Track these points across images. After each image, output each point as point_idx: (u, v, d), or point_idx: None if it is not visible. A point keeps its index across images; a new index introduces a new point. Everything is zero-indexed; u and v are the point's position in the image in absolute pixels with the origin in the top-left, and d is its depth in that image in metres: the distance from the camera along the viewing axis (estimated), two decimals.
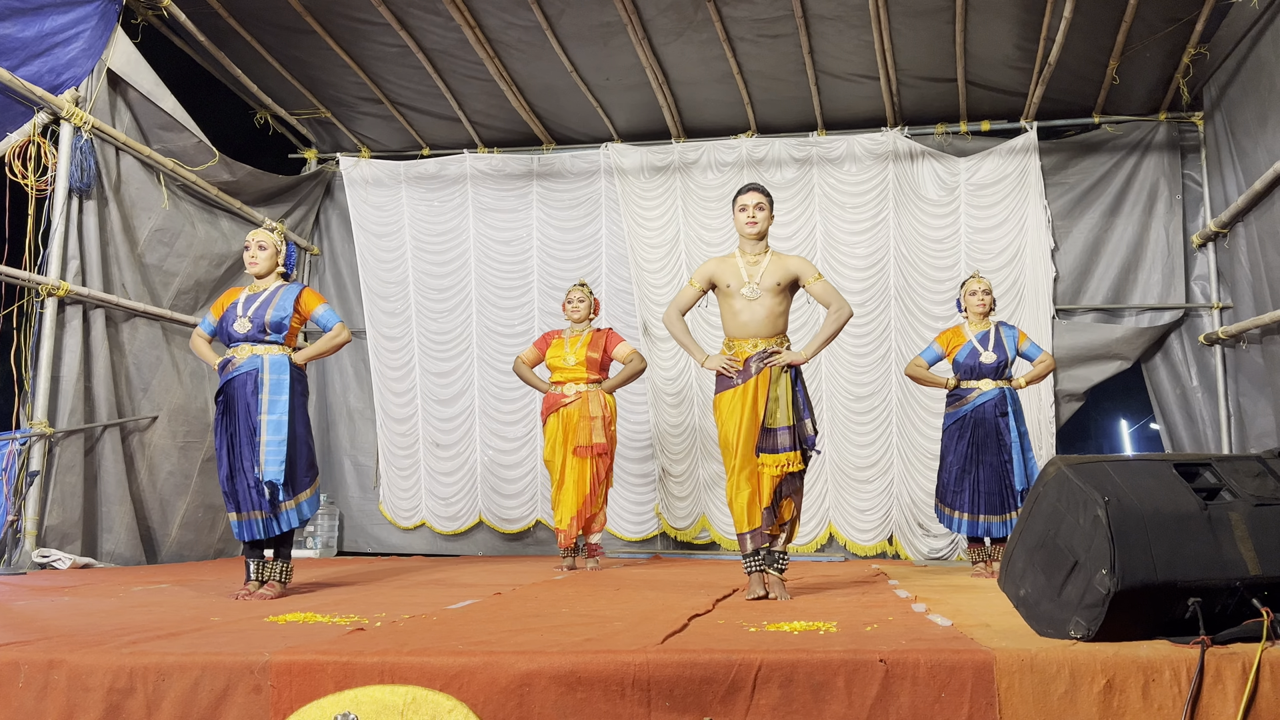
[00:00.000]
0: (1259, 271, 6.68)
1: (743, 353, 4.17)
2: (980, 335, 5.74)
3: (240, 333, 4.36)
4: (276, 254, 4.51)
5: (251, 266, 4.47)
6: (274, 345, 4.37)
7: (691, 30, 7.13)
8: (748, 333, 4.18)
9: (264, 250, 4.48)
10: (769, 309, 4.17)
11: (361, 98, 8.21)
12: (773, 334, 4.19)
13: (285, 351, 4.39)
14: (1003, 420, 5.59)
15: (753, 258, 4.27)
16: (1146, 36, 6.90)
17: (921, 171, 8.07)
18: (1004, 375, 5.69)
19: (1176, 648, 2.48)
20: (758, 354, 4.14)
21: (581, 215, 8.53)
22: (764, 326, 4.17)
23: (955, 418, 5.74)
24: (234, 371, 4.34)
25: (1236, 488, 2.79)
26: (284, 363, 4.35)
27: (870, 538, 7.78)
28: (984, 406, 5.63)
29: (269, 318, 4.35)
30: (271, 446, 4.23)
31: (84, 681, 2.53)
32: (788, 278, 4.22)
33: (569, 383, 6.15)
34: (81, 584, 4.90)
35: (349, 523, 8.62)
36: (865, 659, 2.45)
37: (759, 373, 4.12)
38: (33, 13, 5.90)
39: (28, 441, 5.83)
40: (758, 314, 4.17)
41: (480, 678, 2.45)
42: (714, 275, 4.29)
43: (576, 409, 6.10)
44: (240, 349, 4.36)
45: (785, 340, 4.23)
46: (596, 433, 6.06)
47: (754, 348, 4.16)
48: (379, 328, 8.65)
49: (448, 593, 4.48)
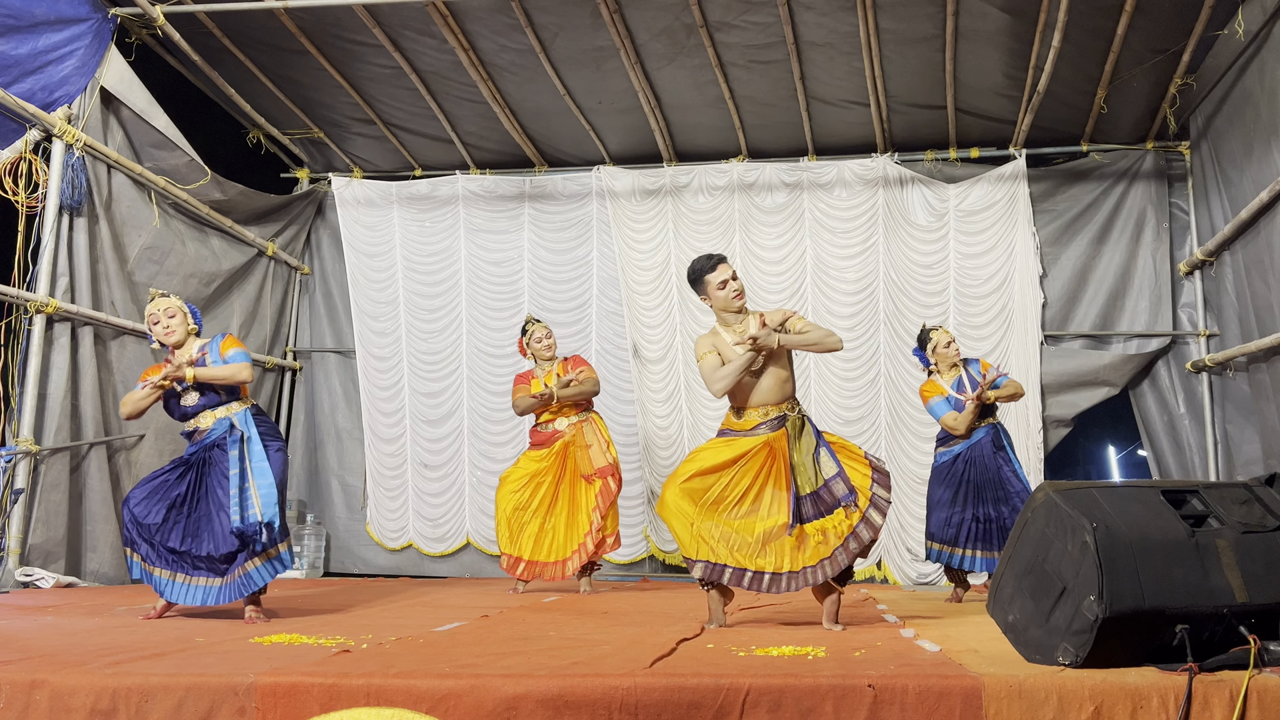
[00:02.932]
0: (1245, 300, 6.73)
1: (752, 421, 4.02)
2: (955, 384, 5.74)
3: (192, 406, 4.25)
4: (186, 317, 4.37)
5: (168, 336, 4.30)
6: (234, 403, 4.27)
7: (684, 55, 7.18)
8: (757, 402, 4.02)
9: (174, 318, 4.32)
10: (775, 376, 4.01)
11: (354, 118, 8.23)
12: (782, 400, 4.02)
13: (246, 405, 4.29)
14: (1001, 455, 5.59)
15: (740, 328, 4.08)
16: (1134, 66, 6.98)
17: (911, 197, 8.13)
18: (990, 412, 5.69)
19: (1164, 675, 2.48)
20: (768, 421, 3.99)
21: (573, 237, 8.55)
22: (773, 394, 4.01)
23: (948, 456, 5.71)
24: (204, 439, 4.23)
25: (1224, 515, 2.80)
26: (247, 417, 4.26)
27: (859, 563, 7.75)
28: (980, 444, 5.62)
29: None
30: (264, 489, 4.12)
31: (66, 702, 2.50)
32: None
33: (559, 418, 6.11)
34: (65, 603, 4.85)
35: (335, 543, 8.57)
36: (854, 684, 2.45)
37: (774, 431, 3.96)
38: (27, 30, 5.91)
39: (13, 459, 5.79)
40: (765, 383, 4.01)
41: (467, 701, 2.43)
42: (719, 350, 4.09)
43: (572, 439, 6.06)
44: (202, 418, 4.25)
45: (796, 405, 4.06)
46: (596, 458, 6.02)
47: (764, 416, 4.01)
48: (369, 348, 8.63)
49: (435, 615, 4.46)
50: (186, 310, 4.42)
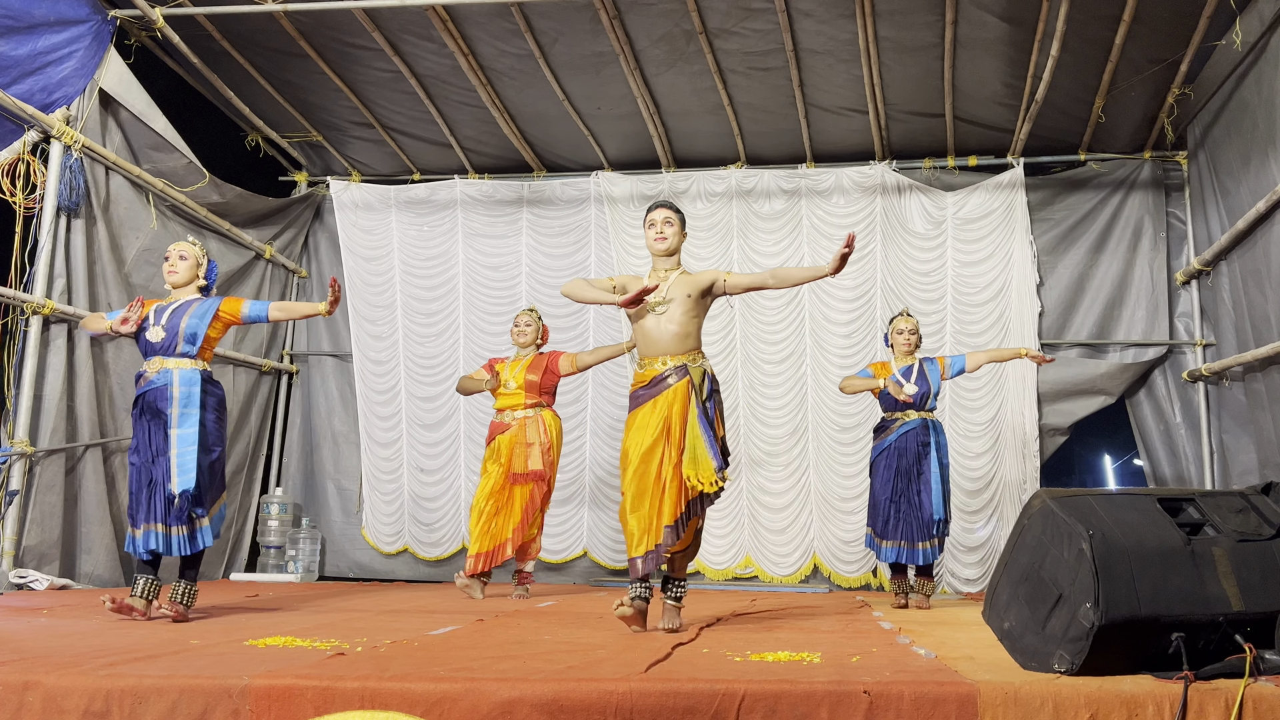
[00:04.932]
0: (1242, 309, 6.74)
1: (653, 371, 4.11)
2: (903, 369, 5.89)
3: (154, 342, 4.34)
4: (197, 265, 4.51)
5: (170, 275, 4.46)
6: (185, 359, 4.35)
7: (683, 62, 7.20)
8: (658, 350, 4.12)
9: (184, 260, 4.48)
10: (680, 325, 4.10)
11: (353, 122, 8.24)
12: (684, 350, 4.11)
13: (196, 365, 4.37)
14: (924, 449, 5.75)
15: (662, 273, 4.21)
16: (1132, 76, 7.00)
17: (909, 205, 8.14)
18: (926, 407, 5.84)
19: (1160, 683, 2.48)
20: (671, 368, 4.08)
21: (571, 242, 8.55)
22: (675, 343, 4.10)
23: (881, 449, 5.89)
24: (146, 386, 4.34)
25: (1220, 523, 2.81)
26: (194, 377, 4.34)
27: (855, 569, 7.77)
28: (907, 436, 5.78)
29: (184, 326, 4.34)
30: (184, 458, 4.21)
31: (59, 704, 2.49)
32: (697, 289, 4.15)
33: (508, 410, 6.12)
34: (59, 605, 4.84)
35: (331, 547, 8.55)
36: (849, 690, 2.44)
37: (672, 388, 4.06)
38: (26, 31, 5.91)
39: (8, 460, 5.78)
40: (667, 330, 4.11)
41: (462, 705, 2.42)
42: (628, 284, 4.21)
43: (512, 435, 6.05)
44: (153, 362, 4.35)
45: (699, 356, 4.15)
46: (533, 459, 5.99)
47: (663, 365, 4.10)
48: (366, 351, 8.62)
49: (429, 618, 4.45)
50: (202, 260, 4.52)
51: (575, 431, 8.12)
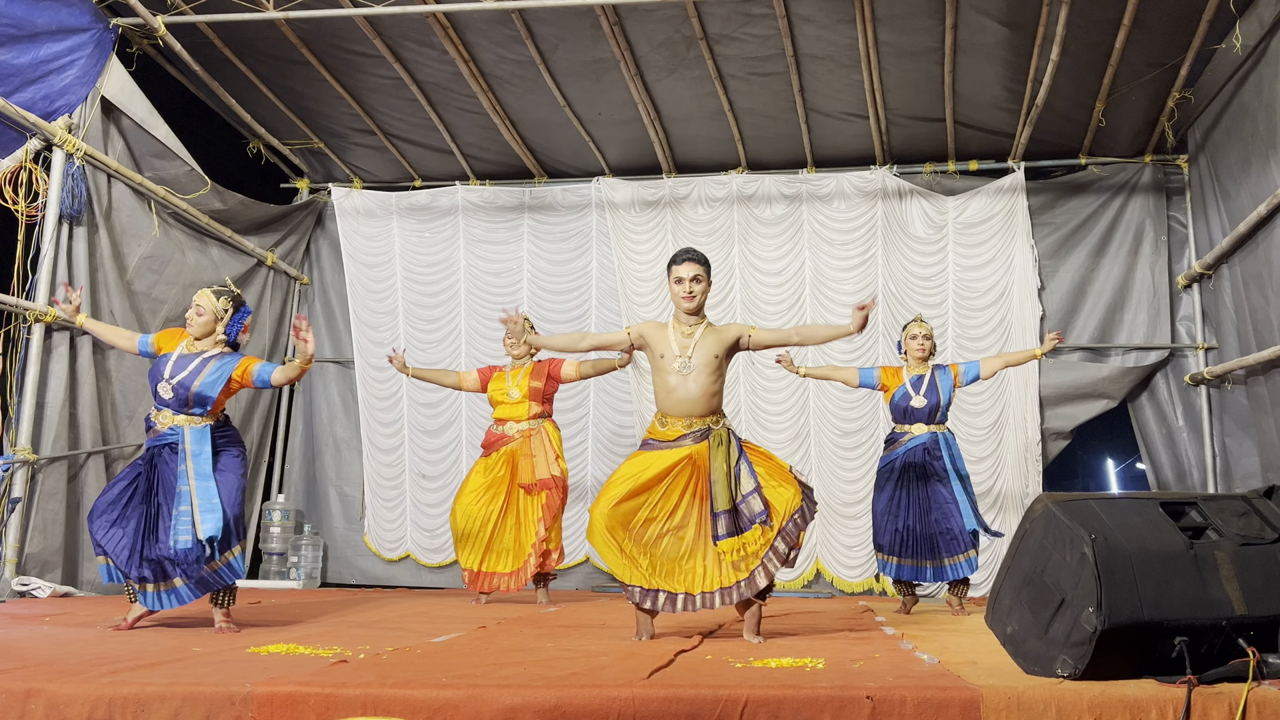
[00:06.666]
0: (1243, 313, 6.74)
1: (675, 431, 3.98)
2: (914, 379, 5.67)
3: (163, 397, 4.20)
4: (215, 320, 4.29)
5: (188, 326, 4.32)
6: (196, 417, 4.21)
7: (684, 67, 7.21)
8: (682, 411, 3.98)
9: (201, 317, 4.28)
10: (703, 386, 3.97)
11: (354, 129, 8.25)
12: (707, 413, 3.97)
13: (207, 422, 4.22)
14: (937, 464, 5.52)
15: (687, 329, 4.04)
16: (1132, 80, 7.01)
17: (910, 210, 8.14)
18: (937, 420, 5.63)
19: (1163, 687, 2.48)
20: (692, 433, 3.95)
21: (572, 248, 8.56)
22: (698, 405, 3.97)
23: (887, 461, 5.69)
24: (155, 439, 4.21)
25: (1222, 527, 2.80)
26: (205, 434, 4.19)
27: (858, 574, 7.76)
28: (915, 450, 5.57)
29: (194, 392, 4.17)
30: (204, 505, 4.05)
31: (62, 712, 2.49)
32: (723, 347, 4.01)
33: (510, 421, 5.96)
34: (61, 613, 4.84)
35: (333, 554, 8.55)
36: (852, 695, 2.44)
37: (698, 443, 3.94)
38: (28, 40, 5.92)
39: (10, 468, 5.78)
40: (691, 391, 3.97)
41: (464, 711, 2.42)
42: (647, 336, 4.10)
43: (514, 449, 5.91)
44: (163, 414, 4.21)
45: (721, 419, 4.02)
46: (539, 467, 5.86)
47: (688, 427, 3.96)
48: (368, 358, 8.63)
49: (432, 625, 4.44)
50: (224, 315, 4.31)
51: (577, 438, 8.13)
